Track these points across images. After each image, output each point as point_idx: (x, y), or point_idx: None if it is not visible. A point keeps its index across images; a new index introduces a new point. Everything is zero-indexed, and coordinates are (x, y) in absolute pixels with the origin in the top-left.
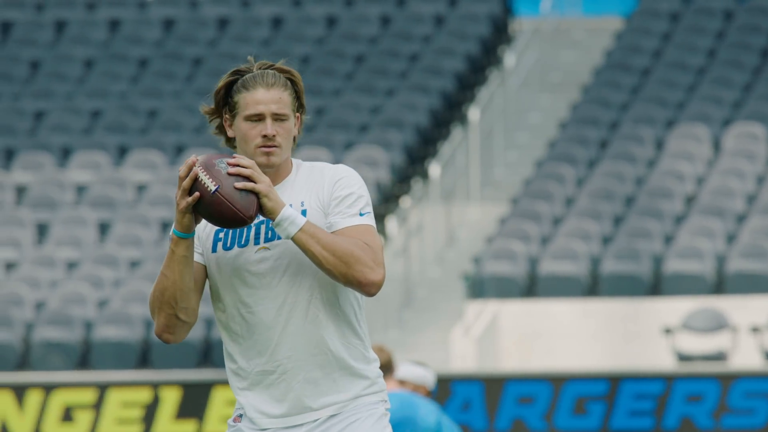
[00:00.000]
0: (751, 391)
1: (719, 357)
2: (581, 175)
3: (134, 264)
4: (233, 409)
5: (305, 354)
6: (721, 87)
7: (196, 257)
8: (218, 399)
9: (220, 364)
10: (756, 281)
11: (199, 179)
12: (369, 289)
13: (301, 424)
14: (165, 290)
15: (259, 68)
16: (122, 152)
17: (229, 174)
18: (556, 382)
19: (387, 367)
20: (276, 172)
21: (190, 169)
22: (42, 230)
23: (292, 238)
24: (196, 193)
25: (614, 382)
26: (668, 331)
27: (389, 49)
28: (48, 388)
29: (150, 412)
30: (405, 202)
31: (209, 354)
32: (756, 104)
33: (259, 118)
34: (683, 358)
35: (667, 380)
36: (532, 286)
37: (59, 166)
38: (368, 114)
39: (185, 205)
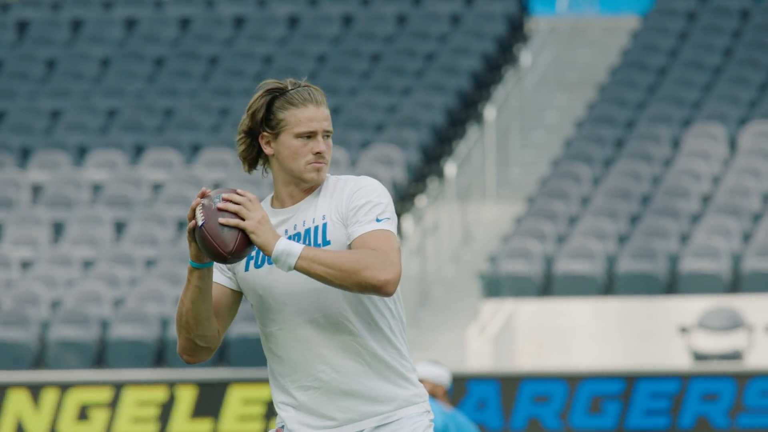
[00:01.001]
0: (767, 390)
1: (735, 356)
2: (597, 174)
3: (150, 263)
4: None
5: (341, 366)
6: (737, 86)
7: (224, 281)
8: (234, 398)
9: (235, 363)
10: None
11: (195, 212)
12: (385, 289)
13: None
14: (181, 316)
15: (293, 86)
16: (138, 151)
17: (219, 209)
18: (572, 381)
19: None
20: (308, 187)
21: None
22: (58, 229)
23: (295, 269)
24: (192, 222)
25: (630, 381)
26: (684, 330)
27: (405, 48)
28: (64, 387)
29: (165, 411)
30: (421, 201)
31: (225, 353)
32: None
33: (310, 135)
34: (699, 357)
35: (682, 379)
36: (547, 285)
37: (75, 165)
38: (384, 113)
39: (187, 235)
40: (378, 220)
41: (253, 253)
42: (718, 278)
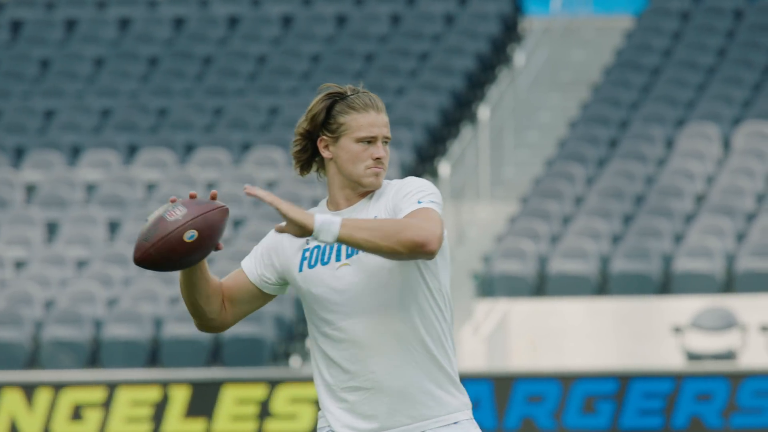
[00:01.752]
0: (761, 390)
1: (728, 356)
2: (591, 174)
3: None
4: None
5: (392, 369)
6: (731, 86)
7: (252, 275)
8: (227, 397)
9: (229, 362)
10: (766, 280)
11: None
12: (429, 246)
13: None
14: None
15: (352, 92)
16: (132, 151)
17: (162, 219)
18: (566, 380)
19: None
20: (364, 191)
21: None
22: (52, 229)
23: (339, 238)
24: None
25: (623, 380)
26: (678, 330)
27: (399, 48)
28: (57, 387)
29: (159, 411)
30: None
31: (218, 353)
32: (766, 103)
33: (371, 140)
34: (692, 357)
35: (676, 379)
36: (541, 285)
37: (69, 165)
38: None
39: None
40: (419, 202)
41: (307, 254)
42: (711, 278)
